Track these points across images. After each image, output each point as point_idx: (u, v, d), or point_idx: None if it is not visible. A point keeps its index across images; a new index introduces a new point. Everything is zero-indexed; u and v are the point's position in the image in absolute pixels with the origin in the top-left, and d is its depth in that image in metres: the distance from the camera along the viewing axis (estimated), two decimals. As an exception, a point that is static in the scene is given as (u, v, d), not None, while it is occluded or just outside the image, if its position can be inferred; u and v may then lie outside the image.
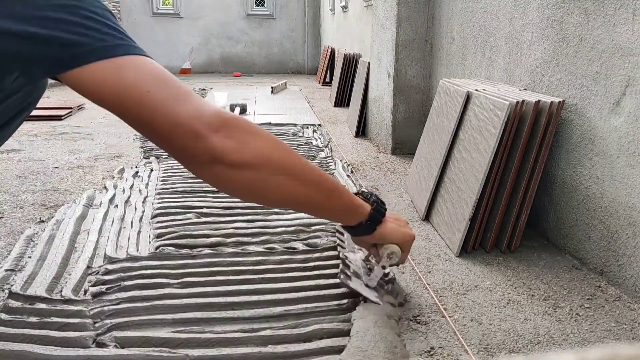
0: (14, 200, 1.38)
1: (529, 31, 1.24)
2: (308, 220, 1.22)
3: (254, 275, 0.94)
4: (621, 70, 0.93)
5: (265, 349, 0.73)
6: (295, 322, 0.80)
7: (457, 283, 0.97)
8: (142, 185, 1.51)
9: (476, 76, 1.55)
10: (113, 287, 0.89)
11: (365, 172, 1.75)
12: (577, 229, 1.07)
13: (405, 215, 1.34)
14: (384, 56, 2.07)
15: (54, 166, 1.74)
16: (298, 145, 2.06)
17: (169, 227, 1.16)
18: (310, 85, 4.76)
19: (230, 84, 4.77)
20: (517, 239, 1.10)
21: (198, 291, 0.88)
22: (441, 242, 1.16)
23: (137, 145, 2.09)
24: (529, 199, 1.08)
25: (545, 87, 1.18)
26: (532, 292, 0.94)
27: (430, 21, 1.92)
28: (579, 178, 1.06)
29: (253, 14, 6.09)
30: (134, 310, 0.82)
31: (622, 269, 0.94)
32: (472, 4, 1.57)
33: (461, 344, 0.77)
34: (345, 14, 4.17)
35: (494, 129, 1.06)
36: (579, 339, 0.79)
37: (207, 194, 1.41)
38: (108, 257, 1.01)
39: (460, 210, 1.12)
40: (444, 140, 1.29)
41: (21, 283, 0.90)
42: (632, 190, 0.91)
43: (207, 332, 0.77)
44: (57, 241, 1.10)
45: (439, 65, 1.87)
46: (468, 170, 1.13)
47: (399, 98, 1.97)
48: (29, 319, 0.79)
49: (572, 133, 1.08)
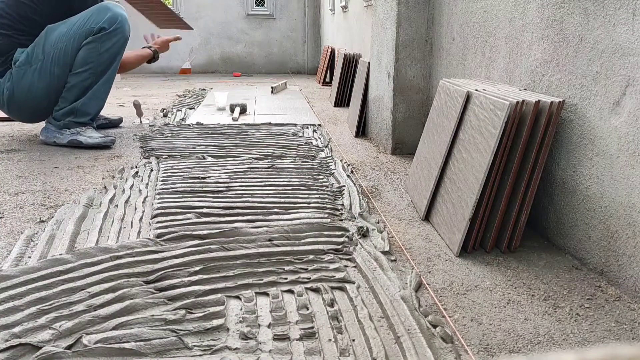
0: (14, 200, 1.38)
1: (528, 31, 1.24)
2: (308, 220, 1.22)
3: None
4: (621, 70, 0.93)
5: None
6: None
7: (457, 283, 0.97)
8: (142, 185, 1.51)
9: (476, 76, 1.55)
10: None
11: (365, 172, 1.75)
12: (577, 229, 1.07)
13: (405, 215, 1.34)
14: (384, 56, 2.07)
15: (54, 166, 1.74)
16: (298, 146, 2.07)
17: (169, 227, 1.16)
18: (310, 85, 4.76)
19: (230, 84, 4.77)
20: (517, 239, 1.10)
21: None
22: (441, 242, 1.16)
23: (137, 145, 2.09)
24: (529, 199, 1.08)
25: (545, 87, 1.18)
26: (532, 292, 0.94)
27: (430, 21, 1.92)
28: (579, 178, 1.06)
29: (253, 14, 6.10)
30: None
31: (622, 269, 0.94)
32: (472, 4, 1.57)
33: (461, 344, 0.77)
34: (345, 14, 4.17)
35: (494, 129, 1.06)
36: (579, 339, 0.79)
37: (207, 194, 1.41)
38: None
39: (460, 210, 1.12)
40: (444, 140, 1.29)
41: (21, 283, 0.90)
42: (632, 190, 0.91)
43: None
44: (57, 241, 1.10)
45: (439, 65, 1.87)
46: (468, 170, 1.14)
47: (399, 98, 1.97)
48: (29, 319, 0.79)
49: (572, 133, 1.08)
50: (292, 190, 1.47)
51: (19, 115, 2.10)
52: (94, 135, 2.02)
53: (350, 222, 1.25)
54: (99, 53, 1.99)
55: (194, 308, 0.83)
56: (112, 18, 2.00)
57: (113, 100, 3.38)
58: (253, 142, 2.11)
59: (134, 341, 0.73)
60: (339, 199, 1.42)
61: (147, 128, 2.45)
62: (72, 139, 2.00)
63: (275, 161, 1.80)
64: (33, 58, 1.96)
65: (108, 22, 1.99)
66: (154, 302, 0.84)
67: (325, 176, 1.64)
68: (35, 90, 1.98)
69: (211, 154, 1.89)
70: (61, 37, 1.96)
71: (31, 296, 0.84)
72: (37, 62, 1.96)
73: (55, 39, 1.96)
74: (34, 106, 2.03)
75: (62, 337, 0.74)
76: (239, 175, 1.60)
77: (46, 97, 2.01)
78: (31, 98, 1.99)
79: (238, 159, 1.83)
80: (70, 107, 2.02)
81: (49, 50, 1.96)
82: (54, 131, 2.02)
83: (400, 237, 1.18)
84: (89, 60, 1.98)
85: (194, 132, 2.30)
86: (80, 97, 2.02)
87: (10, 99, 1.99)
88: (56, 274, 0.91)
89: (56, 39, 1.96)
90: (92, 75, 2.01)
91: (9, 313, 0.79)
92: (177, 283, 0.91)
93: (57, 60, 1.96)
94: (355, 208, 1.35)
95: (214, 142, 2.08)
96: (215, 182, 1.51)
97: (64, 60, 1.97)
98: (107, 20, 1.99)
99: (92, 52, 1.98)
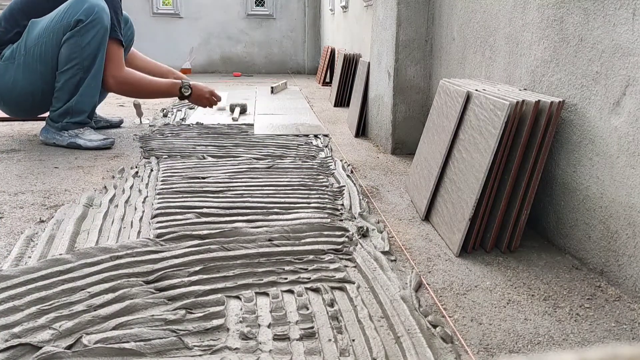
0: (14, 200, 1.38)
1: (529, 31, 1.24)
2: (308, 220, 1.22)
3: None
4: (621, 70, 0.93)
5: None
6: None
7: (457, 283, 0.97)
8: (142, 185, 1.51)
9: (476, 76, 1.55)
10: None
11: (365, 172, 1.75)
12: (577, 229, 1.07)
13: (405, 215, 1.34)
14: (384, 56, 2.07)
15: (54, 166, 1.74)
16: (298, 146, 2.07)
17: (169, 227, 1.16)
18: (310, 85, 4.76)
19: (230, 84, 4.77)
20: (517, 239, 1.10)
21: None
22: (441, 242, 1.16)
23: (137, 145, 2.09)
24: (529, 199, 1.08)
25: (545, 87, 1.18)
26: (532, 292, 0.94)
27: (430, 21, 1.92)
28: (579, 178, 1.06)
29: (253, 14, 6.09)
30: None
31: (622, 269, 0.94)
32: (472, 4, 1.57)
33: (461, 344, 0.77)
34: (345, 14, 4.17)
35: (494, 129, 1.06)
36: (579, 339, 0.79)
37: (207, 194, 1.41)
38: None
39: (460, 210, 1.12)
40: (444, 140, 1.29)
41: (21, 283, 0.90)
42: (632, 190, 0.91)
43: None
44: (57, 241, 1.10)
45: (439, 65, 1.87)
46: (468, 170, 1.14)
47: (399, 98, 1.97)
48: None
49: (572, 133, 1.08)
50: (292, 190, 1.47)
51: (4, 109, 2.09)
52: (93, 138, 2.02)
53: (350, 222, 1.25)
54: (81, 47, 1.96)
55: (194, 308, 0.83)
56: (88, 9, 1.95)
57: (113, 100, 3.38)
58: (253, 142, 2.11)
59: (134, 341, 0.73)
60: (339, 199, 1.42)
61: (147, 128, 2.45)
62: (72, 141, 2.00)
63: (275, 161, 1.80)
64: (17, 53, 1.95)
65: (84, 13, 1.94)
66: (154, 302, 0.84)
67: (325, 176, 1.64)
68: (19, 86, 1.97)
69: (211, 154, 1.90)
70: (42, 33, 1.94)
71: (31, 296, 0.84)
72: (20, 57, 1.94)
73: (36, 34, 1.94)
74: (18, 102, 2.03)
75: (62, 337, 0.74)
76: (239, 175, 1.60)
77: (30, 94, 2.00)
78: (15, 94, 1.99)
79: (238, 159, 1.83)
80: (65, 107, 2.01)
81: (30, 45, 1.94)
82: (54, 132, 2.02)
83: (400, 237, 1.19)
84: (72, 56, 1.96)
85: (194, 132, 2.30)
86: (73, 95, 2.00)
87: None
88: (56, 274, 0.91)
89: (37, 34, 1.94)
90: (79, 70, 1.98)
91: (9, 313, 0.79)
92: (177, 283, 0.91)
93: (39, 57, 1.94)
94: (355, 208, 1.35)
95: (214, 142, 2.09)
96: (215, 182, 1.51)
97: (45, 57, 1.95)
98: (84, 12, 1.94)
99: (74, 47, 1.95)
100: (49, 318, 0.77)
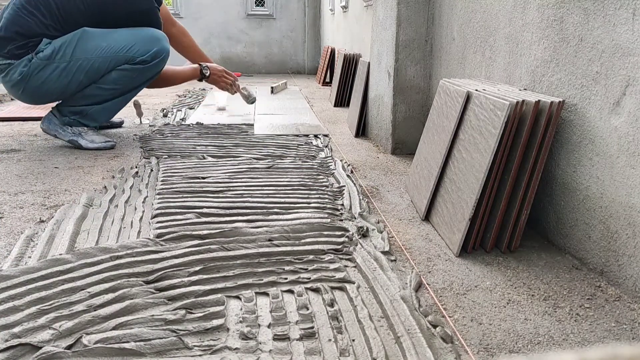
0: (14, 200, 1.38)
1: (529, 31, 1.24)
2: (308, 220, 1.22)
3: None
4: (621, 70, 0.93)
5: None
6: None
7: (457, 283, 0.97)
8: (142, 185, 1.51)
9: (476, 76, 1.55)
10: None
11: (365, 172, 1.75)
12: (577, 229, 1.07)
13: (405, 215, 1.34)
14: (384, 56, 2.07)
15: (54, 166, 1.74)
16: (298, 146, 2.07)
17: (169, 227, 1.16)
18: (310, 85, 4.76)
19: (230, 84, 4.76)
20: (517, 239, 1.10)
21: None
22: (441, 242, 1.16)
23: (137, 145, 2.09)
24: (529, 199, 1.08)
25: (545, 87, 1.18)
26: (532, 292, 0.94)
27: (430, 21, 1.92)
28: (579, 178, 1.06)
29: (253, 14, 6.09)
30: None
31: (622, 269, 0.94)
32: (472, 4, 1.57)
33: (461, 344, 0.77)
34: (345, 14, 4.17)
35: (494, 129, 1.06)
36: (579, 339, 0.79)
37: (207, 194, 1.41)
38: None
39: (460, 210, 1.12)
40: (444, 140, 1.29)
41: (21, 283, 0.90)
42: (632, 190, 0.91)
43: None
44: (57, 241, 1.10)
45: (439, 65, 1.87)
46: (468, 170, 1.14)
47: (399, 98, 1.97)
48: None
49: (572, 133, 1.08)
50: (292, 190, 1.47)
51: (17, 95, 2.01)
52: (94, 140, 2.01)
53: (350, 222, 1.25)
54: (131, 79, 1.98)
55: (194, 308, 0.83)
56: (156, 53, 1.98)
57: (113, 100, 3.37)
58: (253, 142, 2.11)
59: (134, 341, 0.73)
60: (339, 199, 1.42)
61: (147, 128, 2.45)
62: (73, 139, 1.99)
63: (275, 161, 1.80)
64: (58, 56, 1.89)
65: (152, 56, 1.97)
66: (154, 302, 0.84)
67: (325, 176, 1.64)
68: (50, 86, 1.93)
69: (211, 154, 1.90)
70: (98, 52, 1.91)
71: (31, 296, 0.84)
72: (62, 62, 1.89)
73: (90, 50, 1.91)
74: (38, 97, 1.99)
75: (62, 337, 0.74)
76: (239, 175, 1.60)
77: (58, 94, 1.98)
78: (42, 91, 1.95)
79: (238, 159, 1.83)
80: (81, 109, 2.00)
81: (79, 56, 1.90)
82: (57, 125, 2.00)
83: (400, 237, 1.19)
84: (119, 82, 1.97)
85: (194, 132, 2.30)
86: (96, 104, 2.01)
87: (18, 82, 1.91)
88: (56, 274, 0.91)
89: (91, 51, 1.91)
90: (116, 92, 2.00)
91: (9, 313, 0.79)
92: (177, 283, 0.91)
93: (86, 71, 1.92)
94: (355, 208, 1.35)
95: (214, 142, 2.09)
96: (215, 182, 1.51)
97: (93, 73, 1.93)
98: (151, 55, 1.97)
99: (126, 78, 1.97)
100: (49, 318, 0.77)
